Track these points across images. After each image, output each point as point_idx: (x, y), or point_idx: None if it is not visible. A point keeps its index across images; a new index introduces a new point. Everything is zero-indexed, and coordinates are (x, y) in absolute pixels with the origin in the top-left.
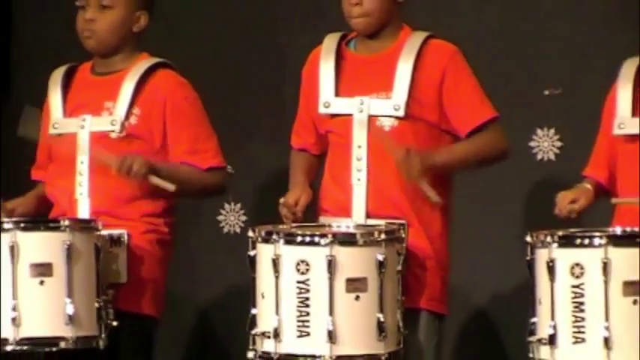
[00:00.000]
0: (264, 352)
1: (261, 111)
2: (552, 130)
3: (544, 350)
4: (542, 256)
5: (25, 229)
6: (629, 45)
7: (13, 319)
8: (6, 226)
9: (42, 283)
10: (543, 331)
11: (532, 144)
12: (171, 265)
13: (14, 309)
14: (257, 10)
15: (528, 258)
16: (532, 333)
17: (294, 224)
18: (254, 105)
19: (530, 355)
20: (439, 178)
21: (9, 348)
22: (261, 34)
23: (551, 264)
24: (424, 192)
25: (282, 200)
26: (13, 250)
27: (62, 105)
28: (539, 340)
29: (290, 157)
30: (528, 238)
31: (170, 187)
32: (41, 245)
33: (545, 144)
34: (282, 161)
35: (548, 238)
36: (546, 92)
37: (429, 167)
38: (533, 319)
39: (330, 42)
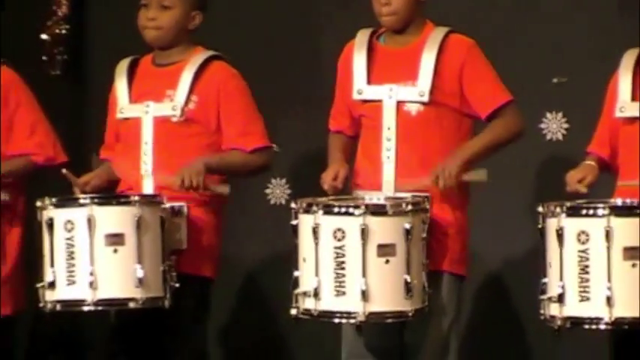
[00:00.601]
0: (305, 310)
1: (304, 100)
2: (560, 114)
3: (553, 307)
4: (552, 224)
5: (100, 203)
6: (631, 36)
7: (91, 283)
8: (83, 201)
9: (115, 251)
10: (553, 291)
11: (542, 126)
12: (224, 233)
13: (91, 274)
14: (296, 13)
15: (540, 226)
16: (543, 292)
17: (334, 196)
18: (297, 94)
19: (541, 312)
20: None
21: (86, 308)
22: (302, 33)
23: (560, 232)
24: (470, 180)
25: (323, 175)
26: (90, 222)
27: (128, 92)
28: (549, 299)
29: (328, 139)
30: (540, 209)
31: (224, 190)
32: (114, 218)
33: (554, 126)
34: (321, 142)
35: (558, 209)
36: (555, 80)
37: (463, 169)
38: (544, 280)
39: (363, 36)
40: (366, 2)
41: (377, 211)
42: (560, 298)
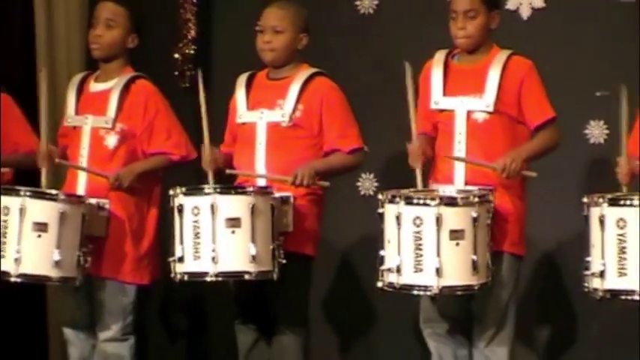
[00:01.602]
0: (389, 283)
1: (390, 107)
2: (602, 121)
3: (596, 281)
4: (595, 212)
5: (221, 192)
6: None
7: (213, 258)
8: (207, 190)
9: (233, 232)
10: (596, 268)
11: (586, 131)
12: (323, 219)
13: (213, 250)
14: (384, 33)
15: (585, 214)
16: (587, 269)
17: (412, 189)
18: (386, 102)
19: (585, 285)
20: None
21: (209, 279)
22: (388, 49)
23: (602, 218)
24: (526, 176)
25: (410, 145)
26: (213, 208)
27: (245, 101)
28: (593, 274)
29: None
30: (585, 199)
31: (326, 184)
32: (233, 205)
33: (596, 132)
34: (404, 142)
35: (600, 200)
36: (598, 94)
37: (524, 164)
38: (588, 259)
39: (440, 55)
40: (444, 27)
41: (449, 202)
42: (602, 274)
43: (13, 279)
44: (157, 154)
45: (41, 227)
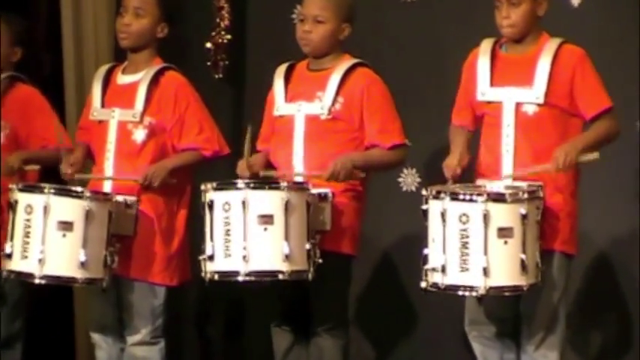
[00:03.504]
0: (433, 283)
1: (433, 100)
2: None
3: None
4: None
5: (253, 188)
6: None
7: (244, 257)
8: (239, 185)
9: (265, 229)
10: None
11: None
12: (364, 216)
13: (244, 249)
14: (426, 25)
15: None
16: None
17: (457, 184)
18: (427, 95)
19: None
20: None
21: (240, 278)
22: (431, 42)
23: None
24: (586, 162)
25: (446, 161)
26: (244, 204)
27: (284, 92)
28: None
29: (450, 131)
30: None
31: (361, 174)
32: (266, 201)
33: None
34: (446, 137)
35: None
36: None
37: (579, 155)
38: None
39: (487, 44)
40: (489, 15)
41: (497, 198)
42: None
43: (37, 280)
44: (188, 150)
45: (66, 226)
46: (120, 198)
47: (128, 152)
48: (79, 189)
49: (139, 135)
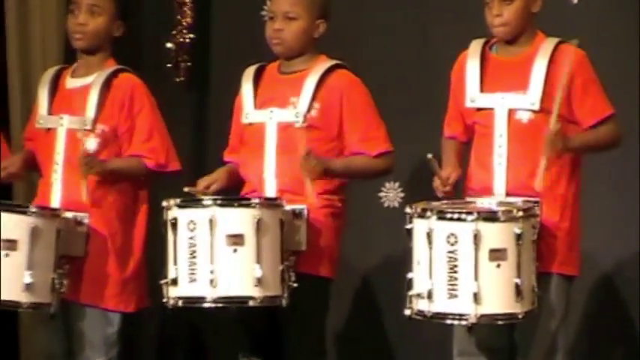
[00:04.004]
0: (418, 311)
1: (418, 105)
2: None
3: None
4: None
5: (221, 205)
6: None
7: (211, 281)
8: (206, 202)
9: (235, 251)
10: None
11: None
12: (342, 235)
13: (212, 272)
14: (412, 24)
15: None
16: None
17: (445, 201)
18: (412, 100)
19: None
20: (574, 159)
21: (207, 305)
22: (417, 43)
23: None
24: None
25: (430, 156)
26: (212, 223)
27: (253, 98)
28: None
29: (442, 144)
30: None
31: (311, 199)
32: (235, 219)
33: None
34: (433, 146)
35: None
36: None
37: (572, 150)
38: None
39: (476, 46)
40: (479, 14)
41: (489, 216)
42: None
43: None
44: (133, 157)
45: (10, 245)
46: (69, 214)
47: (79, 163)
48: (23, 204)
49: (91, 144)
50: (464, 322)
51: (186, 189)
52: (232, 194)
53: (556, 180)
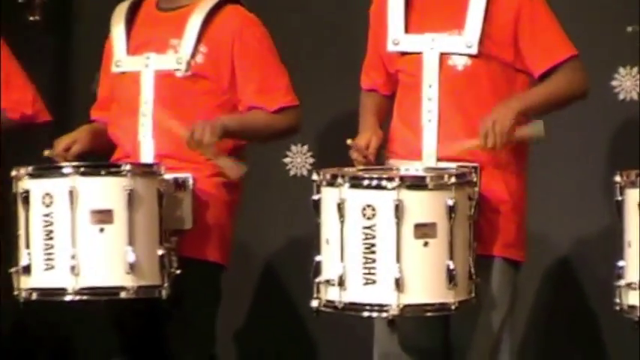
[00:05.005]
0: (328, 301)
1: (330, 54)
2: (635, 69)
3: (633, 295)
4: (633, 196)
5: (84, 173)
6: None
7: (72, 268)
8: (65, 170)
9: (102, 230)
10: (633, 275)
11: (614, 83)
12: (237, 211)
13: (73, 257)
14: None
15: (618, 199)
16: (619, 277)
17: (362, 167)
18: (322, 43)
19: (616, 301)
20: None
21: (68, 298)
22: None
23: None
24: (525, 138)
25: (350, 141)
26: (72, 195)
27: (126, 42)
28: (629, 285)
29: (360, 98)
30: (617, 178)
31: (236, 174)
32: (101, 191)
33: (628, 83)
34: (350, 102)
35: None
36: (629, 29)
37: (518, 122)
38: (621, 263)
39: None
40: None
41: (414, 184)
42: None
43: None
44: None
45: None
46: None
47: None
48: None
49: None
50: (384, 315)
51: (46, 152)
52: (101, 161)
53: None
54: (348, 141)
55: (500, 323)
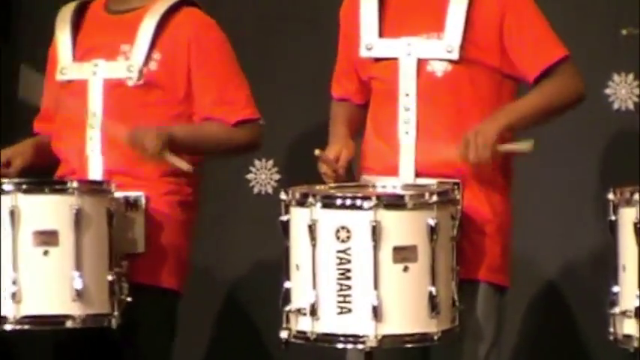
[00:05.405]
0: (299, 332)
1: (297, 62)
2: (631, 76)
3: (629, 324)
4: (628, 215)
5: (27, 191)
6: None
7: (13, 295)
8: (6, 187)
9: (46, 253)
10: (628, 302)
11: (608, 91)
12: (194, 232)
13: (14, 283)
14: None
15: (612, 218)
16: (613, 304)
17: (333, 184)
18: (289, 55)
19: (611, 330)
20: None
21: (8, 327)
22: None
23: (638, 225)
24: (510, 153)
25: (318, 152)
26: (14, 215)
27: (72, 47)
28: (624, 313)
29: (331, 108)
30: (611, 196)
31: (186, 167)
32: (46, 210)
33: (623, 91)
34: (319, 114)
35: (636, 196)
36: (624, 32)
37: (500, 137)
38: (615, 289)
39: None
40: None
41: (392, 203)
42: (638, 313)
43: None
44: None
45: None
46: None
47: None
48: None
49: None
50: (360, 346)
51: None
52: (44, 177)
53: None
54: (316, 151)
55: (485, 353)
